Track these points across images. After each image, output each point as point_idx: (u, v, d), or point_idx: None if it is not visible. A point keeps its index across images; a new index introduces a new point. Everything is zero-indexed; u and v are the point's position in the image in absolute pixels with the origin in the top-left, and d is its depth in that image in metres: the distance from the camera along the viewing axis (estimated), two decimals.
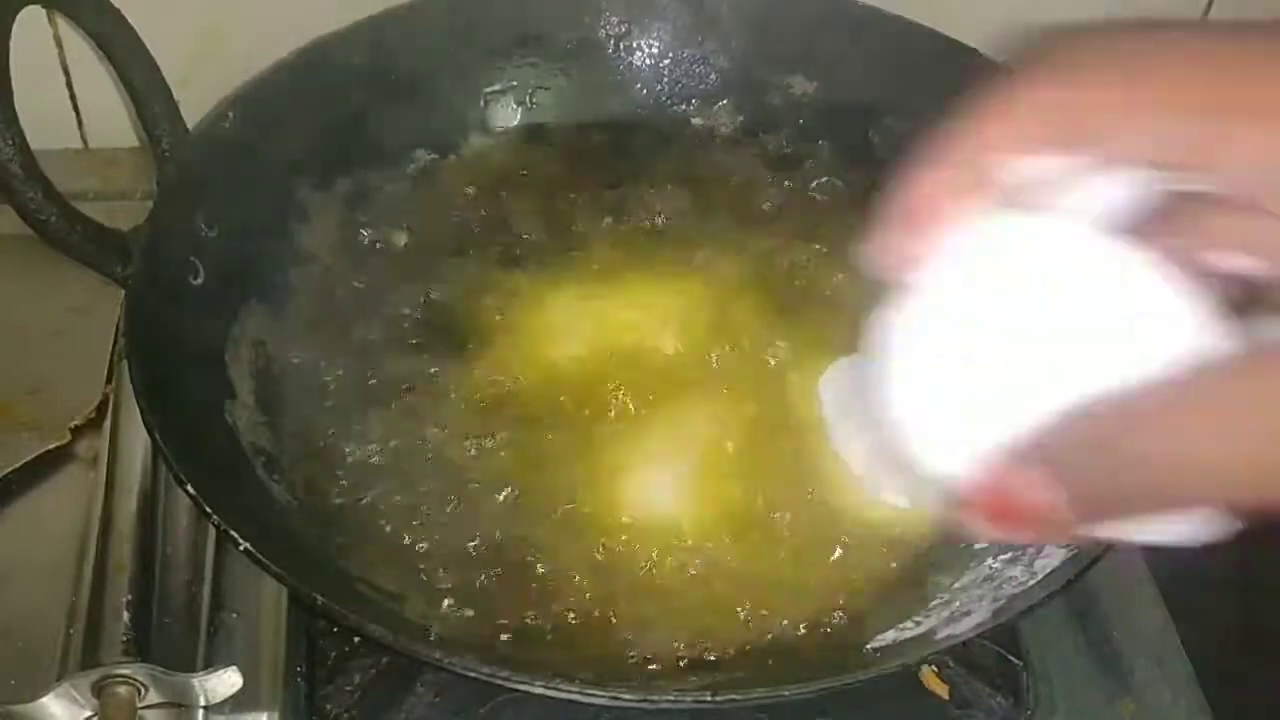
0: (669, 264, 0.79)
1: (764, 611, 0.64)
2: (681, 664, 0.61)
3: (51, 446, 0.72)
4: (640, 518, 0.67)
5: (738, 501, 0.68)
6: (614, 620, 0.63)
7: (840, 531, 0.68)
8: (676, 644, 0.62)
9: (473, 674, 0.54)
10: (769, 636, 0.63)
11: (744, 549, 0.67)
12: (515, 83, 0.87)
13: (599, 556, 0.65)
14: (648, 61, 0.89)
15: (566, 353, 0.74)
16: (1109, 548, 0.59)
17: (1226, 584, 0.94)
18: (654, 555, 0.66)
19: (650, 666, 0.60)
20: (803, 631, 0.64)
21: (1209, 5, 0.96)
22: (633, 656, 0.62)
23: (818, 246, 0.81)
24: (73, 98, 0.93)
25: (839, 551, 0.67)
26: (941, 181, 0.36)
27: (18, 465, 0.71)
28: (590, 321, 0.76)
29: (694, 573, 0.65)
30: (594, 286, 0.78)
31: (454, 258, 0.79)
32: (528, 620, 0.63)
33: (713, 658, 0.62)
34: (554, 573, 0.65)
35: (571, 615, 0.63)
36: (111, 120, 0.92)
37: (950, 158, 0.35)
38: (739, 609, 0.64)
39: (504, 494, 0.67)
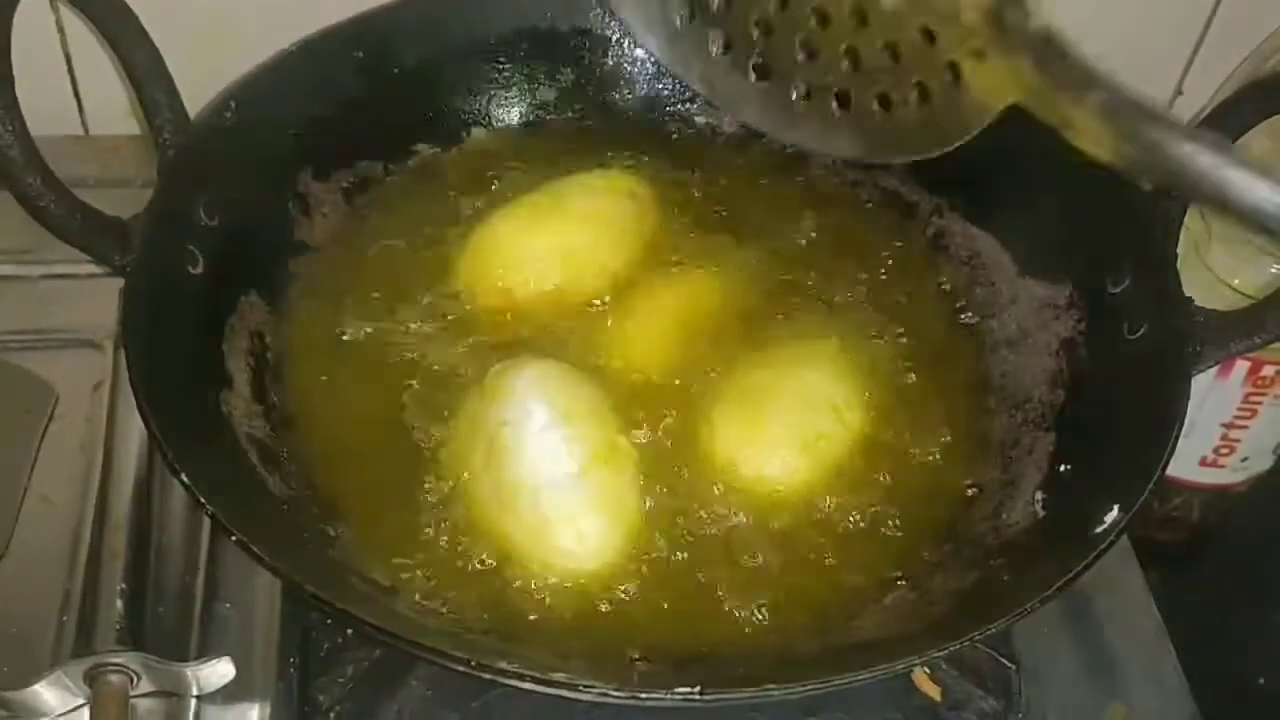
0: (672, 260, 0.80)
1: (759, 611, 0.64)
2: (674, 661, 0.61)
3: None
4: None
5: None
6: (607, 618, 0.63)
7: (836, 532, 0.68)
8: (667, 643, 0.62)
9: (463, 669, 0.54)
10: (762, 636, 0.63)
11: (742, 547, 0.67)
12: (518, 77, 0.87)
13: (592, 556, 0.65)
14: (651, 58, 0.89)
15: (573, 344, 0.74)
16: (1100, 554, 0.59)
17: (1220, 587, 0.95)
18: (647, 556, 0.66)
19: (640, 664, 0.60)
20: (795, 631, 0.64)
21: (1214, 8, 0.96)
22: (627, 655, 0.62)
23: (818, 244, 0.81)
24: (74, 85, 0.93)
25: (836, 551, 0.67)
26: None
27: None
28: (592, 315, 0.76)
29: (687, 571, 0.66)
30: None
31: (455, 249, 0.79)
32: (520, 616, 0.63)
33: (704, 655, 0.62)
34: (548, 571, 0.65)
35: (567, 613, 0.63)
36: (112, 108, 0.92)
37: None
38: (738, 610, 0.64)
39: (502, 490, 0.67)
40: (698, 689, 0.54)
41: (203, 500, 0.58)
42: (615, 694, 0.53)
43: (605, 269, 0.78)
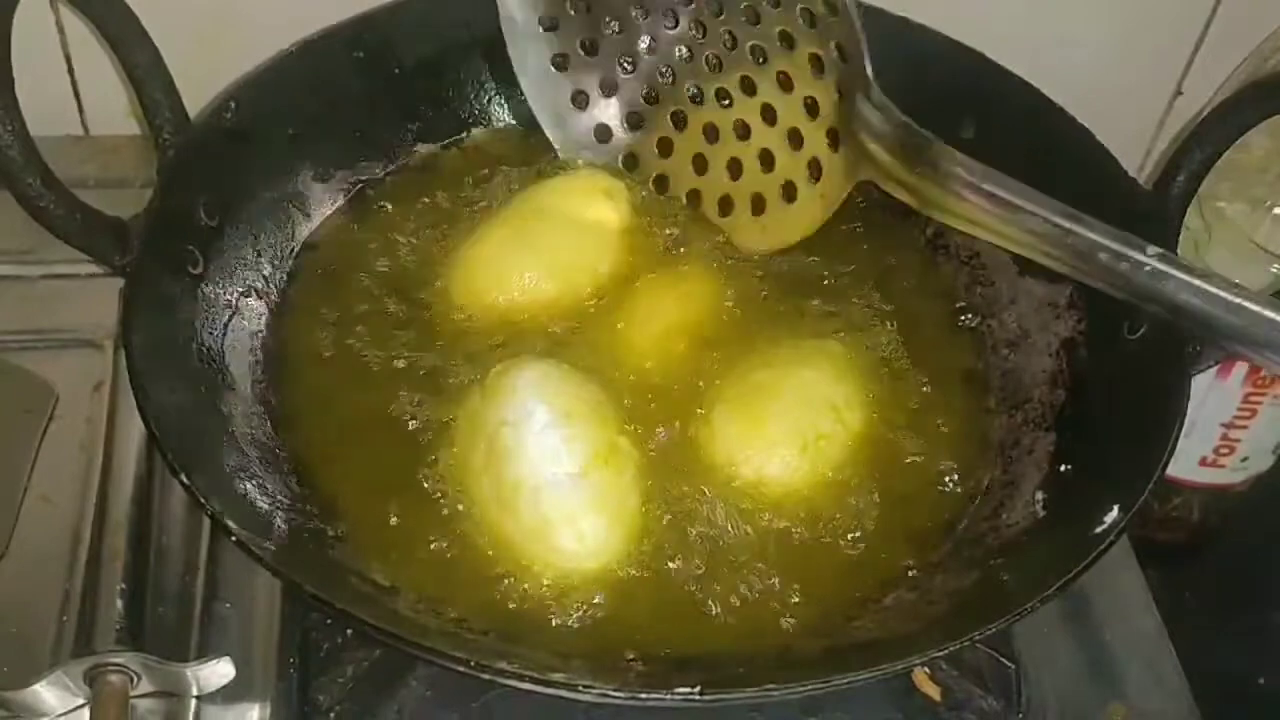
0: (672, 260, 0.79)
1: (759, 611, 0.64)
2: (673, 661, 0.61)
3: None
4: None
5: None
6: (607, 618, 0.63)
7: (836, 532, 0.68)
8: (667, 644, 0.62)
9: (463, 669, 0.54)
10: (762, 636, 0.63)
11: (742, 548, 0.67)
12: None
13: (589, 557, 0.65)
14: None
15: (573, 344, 0.74)
16: (1100, 554, 0.59)
17: (1221, 587, 0.95)
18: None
19: (640, 665, 0.60)
20: (795, 631, 0.64)
21: (1215, 8, 0.96)
22: (626, 655, 0.62)
23: (817, 244, 0.81)
24: (74, 85, 0.93)
25: (835, 551, 0.67)
26: None
27: None
28: (598, 327, 0.76)
29: (688, 572, 0.66)
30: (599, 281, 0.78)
31: (455, 249, 0.79)
32: (520, 616, 0.63)
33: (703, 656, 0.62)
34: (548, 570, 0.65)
35: (567, 613, 0.63)
36: (112, 108, 0.92)
37: None
38: (737, 609, 0.64)
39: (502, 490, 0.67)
40: (698, 689, 0.54)
41: (203, 500, 0.58)
42: (615, 694, 0.54)
43: (605, 269, 0.78)
